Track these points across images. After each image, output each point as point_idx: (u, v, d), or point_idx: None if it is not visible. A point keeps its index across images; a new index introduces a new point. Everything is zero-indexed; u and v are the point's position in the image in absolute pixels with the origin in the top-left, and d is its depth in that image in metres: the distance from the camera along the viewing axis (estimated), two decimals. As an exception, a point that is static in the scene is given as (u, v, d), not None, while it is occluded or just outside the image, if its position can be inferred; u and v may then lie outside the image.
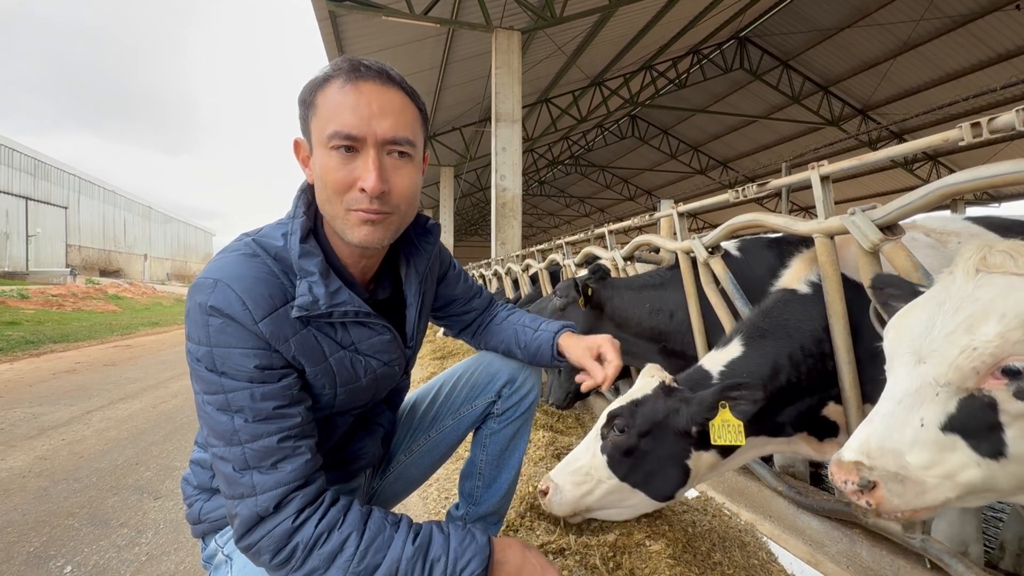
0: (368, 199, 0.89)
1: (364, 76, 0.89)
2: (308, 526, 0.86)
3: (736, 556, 1.63)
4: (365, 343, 1.03)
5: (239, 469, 0.86)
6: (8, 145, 22.07)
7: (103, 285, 19.12)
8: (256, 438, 0.86)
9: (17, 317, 10.26)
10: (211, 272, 0.89)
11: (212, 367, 0.86)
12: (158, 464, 2.87)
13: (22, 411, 3.96)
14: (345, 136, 0.87)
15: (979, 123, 1.07)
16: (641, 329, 2.45)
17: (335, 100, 0.88)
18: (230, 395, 0.86)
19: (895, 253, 1.27)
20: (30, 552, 1.92)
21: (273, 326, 0.89)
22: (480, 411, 1.37)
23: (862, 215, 1.31)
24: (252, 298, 0.87)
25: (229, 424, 0.86)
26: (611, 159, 24.02)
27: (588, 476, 1.49)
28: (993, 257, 0.76)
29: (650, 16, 10.62)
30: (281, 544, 0.85)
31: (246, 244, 0.95)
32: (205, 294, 0.86)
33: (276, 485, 0.86)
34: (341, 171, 0.89)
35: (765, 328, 1.56)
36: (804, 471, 2.13)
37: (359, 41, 9.47)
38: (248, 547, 0.87)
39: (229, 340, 0.86)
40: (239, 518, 0.86)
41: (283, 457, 0.87)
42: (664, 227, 2.77)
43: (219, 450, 0.87)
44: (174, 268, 38.65)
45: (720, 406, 1.36)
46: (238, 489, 0.86)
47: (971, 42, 11.58)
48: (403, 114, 0.92)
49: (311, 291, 0.91)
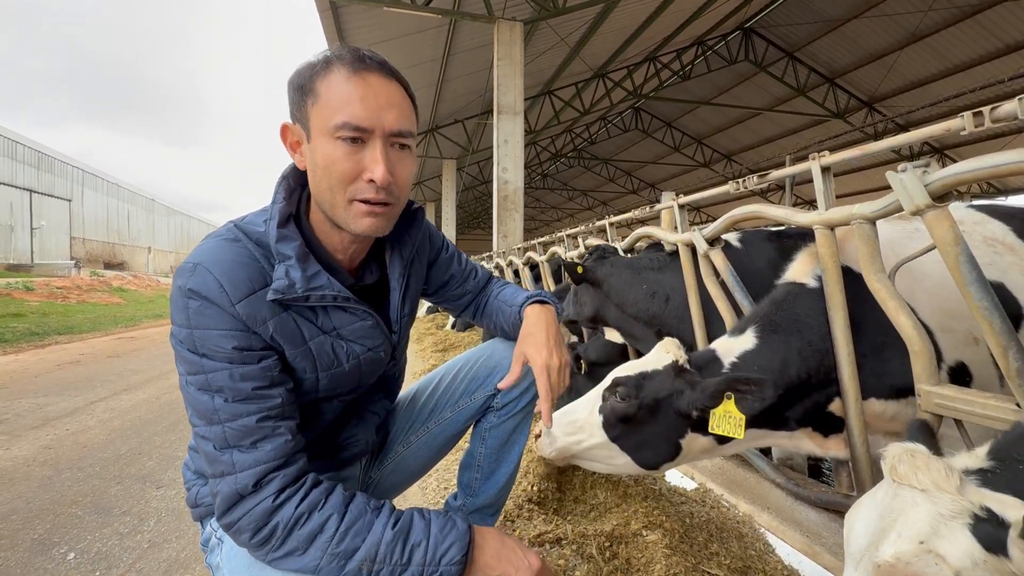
0: (375, 189, 0.90)
1: (369, 67, 0.90)
2: (288, 506, 0.87)
3: (733, 547, 1.64)
4: (347, 328, 1.03)
5: (219, 448, 0.88)
6: (12, 138, 22.10)
7: (107, 277, 19.20)
8: (235, 417, 0.88)
9: (22, 309, 10.33)
10: (193, 256, 0.91)
11: (193, 348, 0.88)
12: (160, 454, 2.89)
13: (27, 401, 3.99)
14: (355, 127, 0.88)
15: (981, 112, 1.06)
16: (638, 311, 2.44)
17: (342, 90, 0.88)
18: (210, 375, 0.88)
19: (939, 222, 1.15)
20: (34, 539, 1.95)
21: (250, 308, 0.90)
22: (480, 404, 1.36)
23: (913, 173, 1.15)
24: (230, 281, 0.89)
25: (210, 403, 0.88)
26: (614, 152, 23.90)
27: (581, 429, 1.52)
28: (901, 467, 0.77)
29: (654, 7, 10.51)
30: (261, 523, 0.86)
31: (228, 229, 0.97)
32: (185, 277, 0.89)
33: (255, 463, 0.87)
34: (347, 161, 0.89)
35: (778, 322, 1.55)
36: (802, 463, 2.13)
37: (360, 32, 9.42)
38: (229, 525, 0.88)
39: (207, 322, 0.88)
40: (220, 495, 0.88)
41: (262, 437, 0.89)
42: (665, 219, 2.75)
43: (201, 429, 0.89)
44: (177, 261, 38.78)
45: (725, 396, 1.35)
46: (219, 467, 0.88)
47: (979, 33, 11.43)
48: (404, 106, 0.94)
49: (287, 275, 0.92)
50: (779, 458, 2.14)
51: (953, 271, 1.15)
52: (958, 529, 0.69)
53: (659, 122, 20.19)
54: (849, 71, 14.17)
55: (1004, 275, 1.54)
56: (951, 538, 0.68)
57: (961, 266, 1.14)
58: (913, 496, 0.73)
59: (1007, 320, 1.13)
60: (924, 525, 0.70)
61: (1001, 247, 1.62)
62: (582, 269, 2.53)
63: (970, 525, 0.68)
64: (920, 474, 0.74)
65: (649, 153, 22.70)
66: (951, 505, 0.70)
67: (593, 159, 24.40)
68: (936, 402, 1.26)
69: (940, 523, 0.70)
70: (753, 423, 1.44)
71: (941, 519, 0.70)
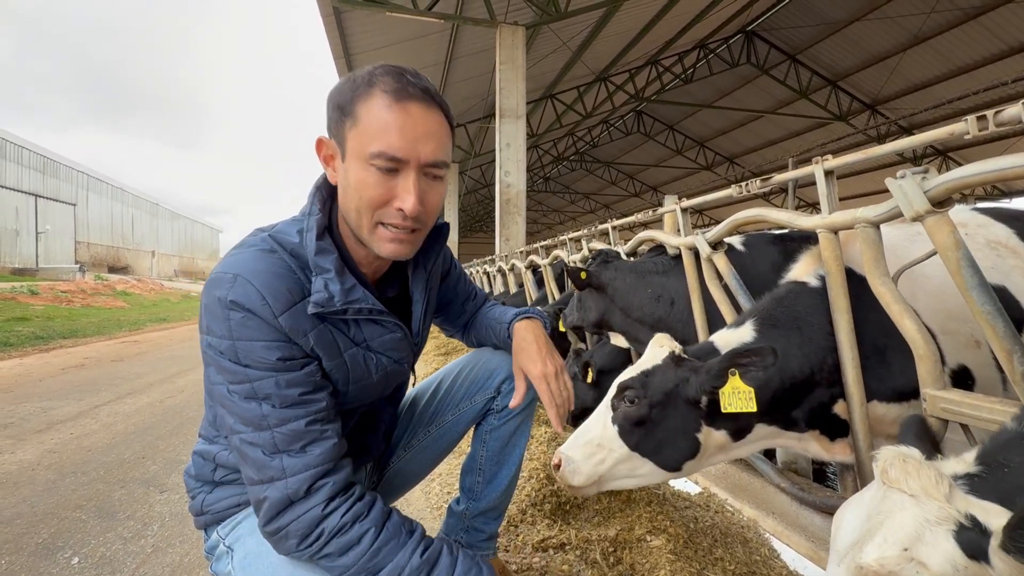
0: (403, 217, 0.92)
1: (412, 96, 0.90)
2: (336, 514, 0.88)
3: (738, 552, 1.63)
4: (377, 340, 1.05)
5: (269, 453, 0.88)
6: (17, 143, 22.28)
7: (111, 281, 19.30)
8: (284, 422, 0.88)
9: (27, 313, 10.38)
10: (230, 267, 0.90)
11: (235, 359, 0.88)
12: (164, 458, 2.90)
13: (32, 405, 4.01)
14: (390, 158, 0.89)
15: (985, 116, 1.05)
16: (643, 315, 2.43)
17: (382, 118, 0.88)
18: (256, 384, 0.88)
19: (939, 228, 1.14)
20: (39, 543, 1.95)
21: (292, 321, 0.91)
22: (480, 407, 1.38)
23: (912, 179, 1.15)
24: (271, 293, 0.89)
25: (257, 410, 0.88)
26: (616, 155, 23.91)
27: (600, 447, 1.49)
28: (892, 471, 0.77)
29: (656, 11, 10.55)
30: (309, 530, 0.87)
31: (263, 239, 0.96)
32: (225, 288, 0.88)
33: (305, 468, 0.88)
34: (379, 188, 0.90)
35: (777, 317, 1.55)
36: (806, 468, 2.12)
37: (363, 37, 9.47)
38: (276, 531, 0.89)
39: (251, 334, 0.88)
40: (268, 501, 0.88)
41: (311, 440, 0.90)
42: (668, 223, 2.75)
43: (248, 435, 0.89)
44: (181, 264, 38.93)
45: (730, 374, 1.36)
46: (268, 472, 0.88)
47: (983, 35, 11.41)
48: (441, 136, 0.94)
49: (327, 288, 0.93)
50: (783, 462, 2.14)
51: (955, 276, 1.15)
52: (942, 536, 0.69)
53: (661, 125, 20.20)
54: (852, 74, 14.16)
55: (1007, 278, 1.53)
56: (934, 544, 0.69)
57: (963, 271, 1.13)
58: (902, 500, 0.74)
59: (1010, 324, 1.13)
60: (910, 531, 0.71)
61: (1004, 250, 1.61)
62: (585, 274, 2.52)
63: (954, 532, 0.69)
64: (911, 480, 0.75)
65: (651, 156, 22.71)
66: (938, 512, 0.71)
67: (595, 162, 24.42)
68: (942, 406, 1.25)
69: (925, 529, 0.70)
70: (765, 419, 1.45)
71: (927, 525, 0.70)
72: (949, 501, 0.72)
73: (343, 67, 10.23)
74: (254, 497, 0.90)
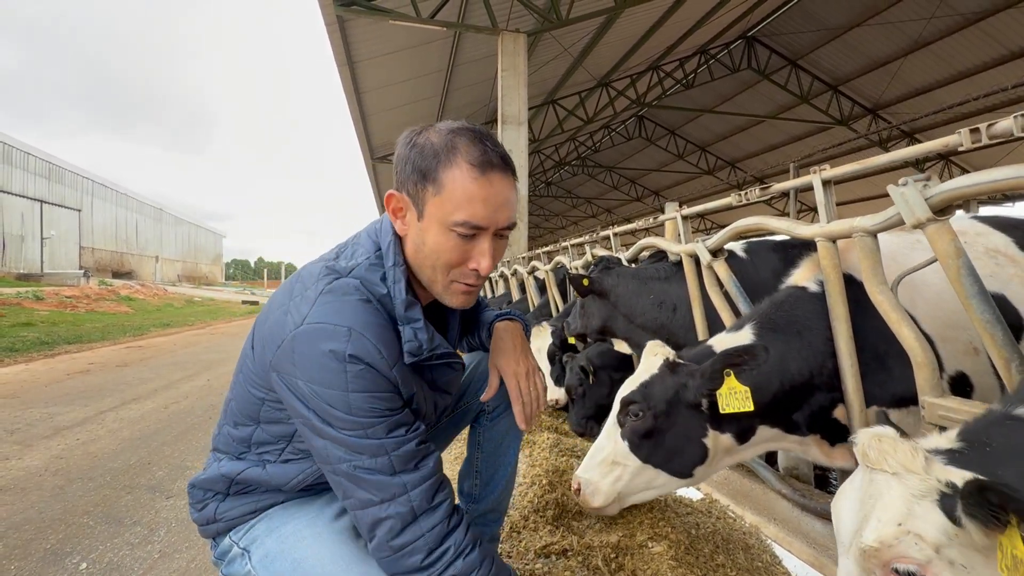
0: (476, 276, 1.00)
1: (495, 167, 0.96)
2: (459, 532, 0.96)
3: (740, 558, 1.64)
4: (442, 379, 1.12)
5: (390, 474, 0.93)
6: (23, 149, 22.47)
7: (115, 287, 19.38)
8: (400, 446, 0.94)
9: (32, 318, 10.44)
10: (337, 319, 0.91)
11: (348, 411, 0.91)
12: (170, 464, 2.92)
13: (38, 411, 4.04)
14: (474, 227, 0.94)
15: (978, 129, 1.08)
16: (646, 321, 2.45)
17: (467, 189, 0.93)
18: (368, 430, 0.92)
19: (940, 235, 1.16)
20: (47, 549, 1.97)
21: (400, 372, 0.96)
22: (473, 409, 1.41)
23: (914, 187, 1.17)
24: (385, 346, 0.93)
25: (374, 442, 0.92)
26: (618, 160, 23.95)
27: (615, 464, 1.51)
28: (871, 452, 0.80)
29: (657, 17, 10.60)
30: (437, 544, 0.93)
31: (357, 288, 0.97)
32: (342, 342, 0.89)
33: (423, 480, 0.94)
34: (458, 252, 0.97)
35: (776, 321, 1.57)
36: (808, 474, 2.13)
37: (366, 45, 9.54)
38: (401, 547, 0.92)
39: (367, 386, 0.91)
40: (392, 519, 0.92)
41: (423, 456, 0.97)
42: (669, 229, 2.78)
43: (363, 461, 0.92)
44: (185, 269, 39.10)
45: (725, 375, 1.39)
46: (390, 491, 0.92)
47: (983, 40, 11.43)
48: (514, 201, 1.01)
49: (416, 337, 0.97)
50: (785, 468, 2.14)
51: (955, 284, 1.17)
52: (929, 507, 0.72)
53: (662, 130, 20.24)
54: (852, 79, 14.19)
55: (1006, 287, 1.55)
56: (924, 517, 0.72)
57: (963, 279, 1.15)
58: (886, 480, 0.76)
59: (1009, 332, 1.14)
60: (900, 506, 0.73)
61: (1003, 259, 1.63)
62: (588, 281, 2.54)
63: (938, 502, 0.71)
64: (888, 458, 0.77)
65: (653, 161, 22.74)
66: (919, 485, 0.73)
67: (597, 167, 24.45)
68: (940, 413, 1.26)
69: (913, 503, 0.73)
70: (767, 421, 1.47)
71: (913, 499, 0.73)
72: (927, 472, 0.74)
73: (347, 75, 10.29)
74: (372, 518, 0.93)
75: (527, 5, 8.13)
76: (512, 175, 1.00)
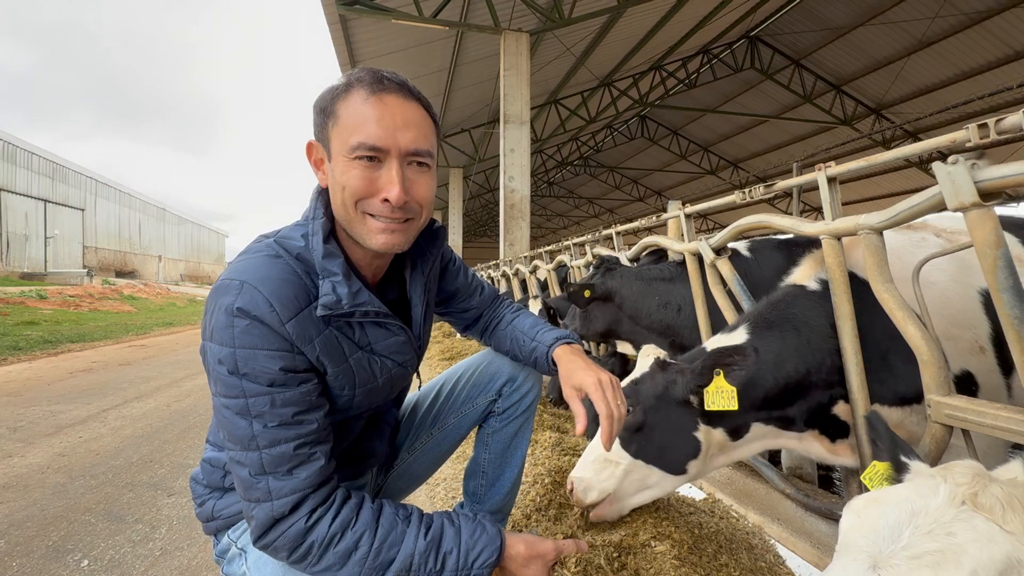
0: (389, 209, 0.92)
1: (387, 89, 0.91)
2: (322, 525, 0.88)
3: (743, 558, 1.63)
4: (381, 343, 1.05)
5: (255, 474, 0.88)
6: (27, 149, 22.55)
7: (119, 286, 19.45)
8: (273, 444, 0.87)
9: (36, 317, 10.48)
10: (236, 273, 0.89)
11: (234, 370, 0.86)
12: (172, 461, 2.92)
13: (41, 409, 4.05)
14: (370, 148, 0.89)
15: (986, 124, 1.06)
16: (651, 322, 2.44)
17: (359, 111, 0.90)
18: (250, 400, 0.87)
19: (981, 223, 1.09)
20: (49, 546, 1.97)
21: (299, 327, 0.90)
22: (482, 409, 1.40)
23: (964, 165, 1.07)
24: (279, 299, 0.88)
25: (248, 429, 0.87)
26: (620, 160, 23.94)
27: (607, 461, 1.51)
28: (985, 498, 0.71)
29: (659, 16, 10.58)
30: (296, 543, 0.88)
31: (268, 245, 0.95)
32: (231, 296, 0.87)
33: (292, 491, 0.88)
34: (363, 180, 0.91)
35: (771, 319, 1.56)
36: (812, 473, 2.12)
37: (369, 44, 9.55)
38: (266, 546, 0.90)
39: (255, 342, 0.86)
40: (255, 520, 0.88)
41: (299, 463, 0.89)
42: (671, 228, 2.76)
43: (236, 454, 0.89)
44: (188, 269, 39.20)
45: (715, 373, 1.40)
46: (254, 493, 0.88)
47: (987, 39, 11.39)
48: (423, 127, 0.95)
49: (335, 291, 0.92)
50: (788, 467, 2.13)
51: (988, 275, 1.11)
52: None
53: (665, 130, 20.22)
54: (856, 78, 14.15)
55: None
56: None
57: (998, 271, 1.09)
58: (990, 532, 0.68)
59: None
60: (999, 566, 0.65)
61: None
62: (589, 292, 2.53)
63: None
64: (1011, 515, 0.68)
65: (655, 161, 22.72)
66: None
67: (599, 167, 24.45)
68: (946, 412, 1.25)
69: (1013, 570, 0.65)
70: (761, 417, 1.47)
71: (1016, 566, 0.65)
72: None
73: (349, 74, 10.32)
74: (244, 512, 0.91)
75: (530, 4, 8.13)
76: (417, 102, 0.94)
